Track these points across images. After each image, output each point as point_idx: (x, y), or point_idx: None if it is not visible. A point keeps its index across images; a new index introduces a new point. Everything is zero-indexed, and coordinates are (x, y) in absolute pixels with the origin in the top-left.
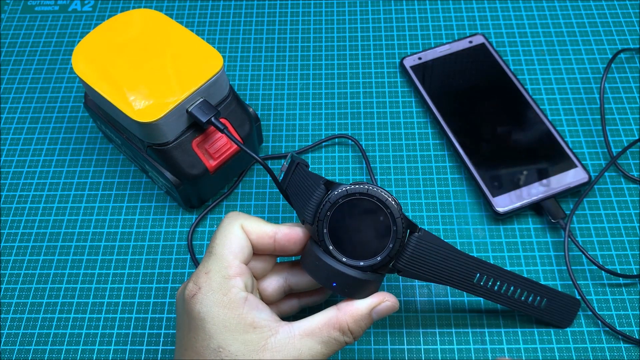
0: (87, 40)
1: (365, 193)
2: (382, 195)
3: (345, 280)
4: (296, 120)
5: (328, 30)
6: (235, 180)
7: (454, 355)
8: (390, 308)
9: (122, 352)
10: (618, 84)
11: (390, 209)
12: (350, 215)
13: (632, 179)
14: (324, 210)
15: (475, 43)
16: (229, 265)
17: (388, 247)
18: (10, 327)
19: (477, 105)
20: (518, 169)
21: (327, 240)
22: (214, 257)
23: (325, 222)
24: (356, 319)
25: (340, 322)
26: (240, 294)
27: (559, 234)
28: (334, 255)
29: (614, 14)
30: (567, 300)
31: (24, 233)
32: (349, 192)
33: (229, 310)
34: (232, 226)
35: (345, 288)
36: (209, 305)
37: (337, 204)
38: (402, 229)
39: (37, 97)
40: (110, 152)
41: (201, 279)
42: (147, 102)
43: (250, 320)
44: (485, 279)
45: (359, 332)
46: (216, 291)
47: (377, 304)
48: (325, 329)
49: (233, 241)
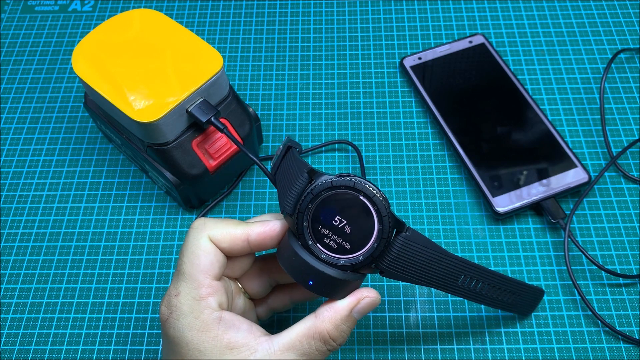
0: (87, 40)
1: (352, 187)
2: (369, 190)
3: (322, 279)
4: (296, 120)
5: (328, 30)
6: (235, 180)
7: (454, 355)
8: (371, 304)
9: (122, 352)
10: (618, 84)
11: (378, 205)
12: (333, 209)
13: (632, 179)
14: (305, 202)
15: (475, 43)
16: (199, 286)
17: (372, 247)
18: (10, 327)
19: (477, 105)
20: (518, 169)
21: (307, 235)
22: (183, 277)
23: (305, 215)
24: (336, 324)
25: (320, 331)
26: (213, 314)
27: (559, 234)
28: (312, 251)
29: (614, 14)
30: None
31: (24, 233)
32: (334, 184)
33: (202, 333)
34: (199, 240)
35: (323, 287)
36: (181, 330)
37: (320, 195)
38: (388, 228)
39: (37, 97)
40: (110, 152)
41: (172, 302)
42: (147, 102)
43: (226, 341)
44: (468, 280)
45: (342, 336)
46: (187, 315)
47: (356, 303)
48: (305, 341)
49: (201, 258)
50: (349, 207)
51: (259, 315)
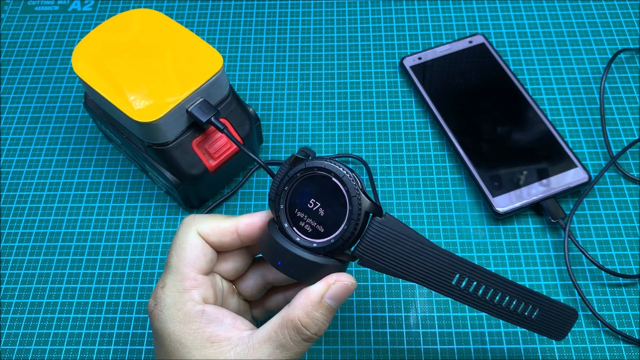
0: (87, 40)
1: (323, 168)
2: (340, 170)
3: (292, 260)
4: (296, 120)
5: (328, 30)
6: (240, 181)
7: (454, 356)
8: (344, 288)
9: (122, 352)
10: (618, 84)
11: (347, 185)
12: (309, 193)
13: (632, 179)
14: (282, 185)
15: (475, 43)
16: (183, 278)
17: (342, 229)
18: (10, 327)
19: (477, 105)
20: (518, 169)
21: (283, 217)
22: (169, 270)
23: (282, 198)
24: (307, 310)
25: (292, 318)
26: (195, 307)
27: (559, 234)
28: (287, 234)
29: (614, 14)
30: (562, 310)
31: (24, 233)
32: (307, 166)
33: (184, 325)
34: (187, 234)
35: (291, 268)
36: (164, 321)
37: (295, 178)
38: (357, 208)
39: (37, 97)
40: (110, 152)
41: (158, 293)
42: (147, 102)
43: (207, 334)
44: (467, 281)
45: (316, 324)
46: (170, 307)
47: (327, 288)
48: (280, 331)
49: (188, 251)
50: (323, 190)
51: (255, 316)
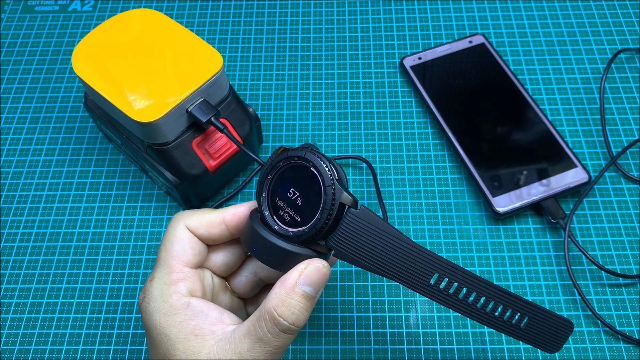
0: (87, 40)
1: (303, 157)
2: (317, 160)
3: (264, 245)
4: (296, 120)
5: (328, 30)
6: (242, 182)
7: (454, 355)
8: (317, 272)
9: (122, 352)
10: (618, 84)
11: (323, 175)
12: (289, 182)
13: (632, 179)
14: (265, 174)
15: (475, 43)
16: (170, 271)
17: (316, 218)
18: (10, 327)
19: (477, 105)
20: (518, 169)
21: (264, 205)
22: (158, 263)
23: (265, 187)
24: (281, 298)
25: (267, 309)
26: (181, 300)
27: (559, 234)
28: (266, 222)
29: (614, 14)
30: (556, 321)
31: (24, 233)
32: (289, 154)
33: (169, 317)
34: (175, 228)
35: (265, 254)
36: (151, 313)
37: (277, 167)
38: (331, 198)
39: (37, 97)
40: (110, 152)
41: (146, 286)
42: (147, 102)
43: (191, 327)
44: (446, 282)
45: (292, 313)
46: (157, 299)
47: (299, 275)
48: (257, 324)
49: (175, 244)
50: (303, 180)
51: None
